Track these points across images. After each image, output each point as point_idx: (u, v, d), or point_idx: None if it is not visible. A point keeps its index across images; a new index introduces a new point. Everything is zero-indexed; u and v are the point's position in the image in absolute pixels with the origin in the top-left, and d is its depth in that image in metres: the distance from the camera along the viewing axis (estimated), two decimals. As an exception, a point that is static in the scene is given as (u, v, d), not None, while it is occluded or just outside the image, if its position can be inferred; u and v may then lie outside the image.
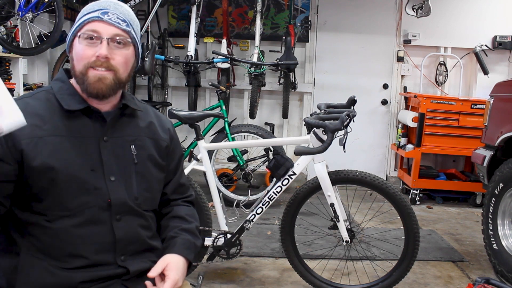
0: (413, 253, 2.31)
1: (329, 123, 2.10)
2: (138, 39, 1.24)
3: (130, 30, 1.20)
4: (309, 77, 5.04)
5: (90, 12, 1.17)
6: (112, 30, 1.16)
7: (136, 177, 1.23)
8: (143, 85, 4.76)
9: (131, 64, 1.22)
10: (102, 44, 1.14)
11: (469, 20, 4.89)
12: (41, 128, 1.12)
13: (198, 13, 4.17)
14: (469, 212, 4.23)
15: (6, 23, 3.71)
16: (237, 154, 3.98)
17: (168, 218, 1.35)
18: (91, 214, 1.14)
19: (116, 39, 1.16)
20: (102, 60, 1.14)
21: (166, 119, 1.40)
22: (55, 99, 1.18)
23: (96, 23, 1.15)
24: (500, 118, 2.92)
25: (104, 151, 1.19)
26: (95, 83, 1.15)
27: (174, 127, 1.41)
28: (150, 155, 1.28)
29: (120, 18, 1.18)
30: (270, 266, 2.81)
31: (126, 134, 1.24)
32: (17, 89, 3.71)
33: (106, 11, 1.17)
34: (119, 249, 1.17)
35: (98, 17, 1.16)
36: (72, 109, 1.17)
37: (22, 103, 1.15)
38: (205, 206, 2.42)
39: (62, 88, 1.20)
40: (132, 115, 1.28)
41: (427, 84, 5.01)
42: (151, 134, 1.30)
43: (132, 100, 1.28)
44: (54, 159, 1.11)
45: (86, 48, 1.15)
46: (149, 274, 1.17)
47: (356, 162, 4.65)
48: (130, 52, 1.21)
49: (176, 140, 1.39)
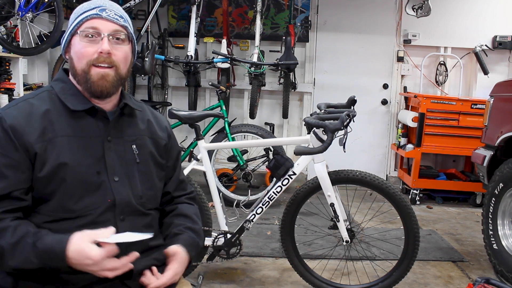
0: (413, 253, 2.31)
1: (329, 123, 2.10)
2: (134, 36, 1.25)
3: (128, 26, 1.21)
4: (309, 77, 5.04)
5: (88, 10, 1.17)
6: (111, 26, 1.17)
7: (139, 176, 1.24)
8: (143, 85, 4.76)
9: (130, 60, 1.23)
10: (103, 41, 1.15)
11: (469, 20, 4.89)
12: (50, 129, 1.13)
13: (198, 13, 4.17)
14: (469, 212, 4.23)
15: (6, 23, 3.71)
16: (237, 154, 3.98)
17: (172, 216, 1.36)
18: (95, 215, 1.15)
19: (116, 35, 1.17)
20: (105, 56, 1.15)
21: (162, 117, 1.41)
22: (58, 99, 1.18)
23: (95, 20, 1.16)
24: (500, 118, 2.92)
25: (108, 151, 1.19)
26: (98, 81, 1.15)
27: (170, 125, 1.42)
28: (151, 154, 1.28)
29: (117, 14, 1.19)
30: (270, 266, 2.81)
31: (127, 134, 1.25)
32: (17, 89, 3.71)
33: (104, 8, 1.18)
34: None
35: (96, 14, 1.16)
36: (78, 109, 1.17)
37: (26, 104, 1.16)
38: (205, 206, 2.42)
39: (64, 88, 1.20)
40: (131, 115, 1.28)
41: (427, 84, 5.01)
42: (150, 134, 1.30)
43: (130, 100, 1.29)
44: (65, 159, 1.12)
45: (87, 46, 1.15)
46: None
47: (356, 162, 4.63)
48: (129, 48, 1.22)
49: (173, 137, 1.40)
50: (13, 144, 1.09)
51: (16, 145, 1.09)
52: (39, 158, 1.10)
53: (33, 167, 1.10)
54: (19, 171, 1.09)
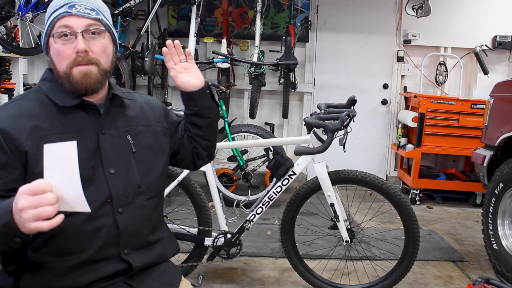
0: (413, 253, 2.31)
1: (329, 123, 2.10)
2: (111, 24, 1.22)
3: (101, 18, 1.17)
4: (309, 77, 5.04)
5: (57, 9, 1.14)
6: (83, 22, 1.14)
7: (137, 165, 1.23)
8: (143, 85, 4.76)
9: (111, 51, 1.21)
10: (77, 39, 1.12)
11: (469, 20, 4.89)
12: (41, 128, 1.12)
13: (198, 13, 4.16)
14: (469, 212, 4.23)
15: (6, 23, 3.72)
16: (237, 154, 3.98)
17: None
18: (94, 209, 1.13)
19: (90, 30, 1.14)
20: (82, 55, 1.12)
21: (155, 100, 1.41)
22: (47, 98, 1.17)
23: (65, 19, 1.13)
24: (500, 118, 2.92)
25: (103, 144, 1.18)
26: (82, 79, 1.14)
27: (164, 104, 1.42)
28: (147, 143, 1.28)
29: (88, 8, 1.15)
30: (270, 266, 2.81)
31: (120, 124, 1.24)
32: (17, 89, 3.72)
33: (73, 4, 1.14)
34: (123, 242, 1.17)
35: (66, 12, 1.13)
36: (68, 105, 1.16)
37: (15, 106, 1.15)
38: (205, 206, 2.42)
39: (52, 86, 1.19)
40: (121, 105, 1.27)
41: (427, 84, 5.01)
42: (145, 122, 1.30)
43: (119, 90, 1.28)
44: None
45: (63, 47, 1.13)
46: None
47: (356, 162, 4.64)
48: (107, 40, 1.19)
49: (170, 113, 1.41)
50: (1, 146, 1.08)
51: (5, 148, 1.08)
52: (31, 156, 1.09)
53: (27, 166, 1.09)
54: (7, 173, 1.08)
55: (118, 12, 3.92)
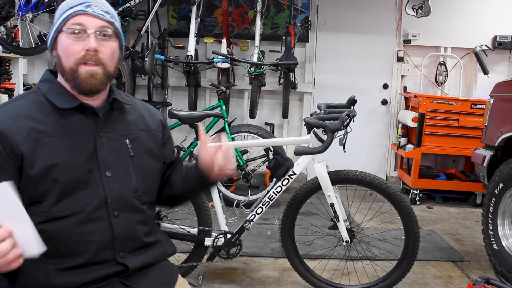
0: (413, 253, 2.31)
1: (329, 123, 2.10)
2: (121, 32, 1.23)
3: (114, 22, 1.19)
4: (309, 77, 5.04)
5: (73, 6, 1.15)
6: (97, 23, 1.14)
7: (134, 169, 1.23)
8: (143, 85, 4.76)
9: (117, 56, 1.22)
10: (89, 38, 1.13)
11: (469, 20, 4.89)
12: (37, 130, 1.11)
13: (198, 13, 4.16)
14: (469, 212, 4.23)
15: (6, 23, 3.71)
16: (237, 154, 3.98)
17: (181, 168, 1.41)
18: (89, 212, 1.14)
19: (103, 31, 1.15)
20: (91, 53, 1.13)
21: (155, 109, 1.40)
22: (45, 100, 1.17)
23: (80, 17, 1.13)
24: (500, 118, 2.92)
25: (101, 147, 1.18)
26: (87, 79, 1.14)
27: (163, 116, 1.42)
28: (145, 148, 1.28)
29: (104, 10, 1.17)
30: (270, 266, 2.81)
31: (118, 128, 1.24)
32: (17, 89, 3.71)
33: (89, 4, 1.15)
34: (118, 245, 1.17)
35: (82, 10, 1.14)
36: (66, 108, 1.16)
37: (13, 107, 1.15)
38: (205, 206, 2.42)
39: (51, 88, 1.19)
40: (121, 110, 1.27)
41: (427, 84, 5.01)
42: (144, 127, 1.30)
43: (119, 95, 1.28)
44: (56, 159, 1.11)
45: (74, 43, 1.13)
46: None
47: (356, 162, 4.63)
48: (116, 44, 1.20)
49: (167, 127, 1.40)
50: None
51: (1, 150, 1.07)
52: (27, 158, 1.08)
53: (22, 169, 1.09)
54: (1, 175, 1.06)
55: (118, 12, 3.92)
